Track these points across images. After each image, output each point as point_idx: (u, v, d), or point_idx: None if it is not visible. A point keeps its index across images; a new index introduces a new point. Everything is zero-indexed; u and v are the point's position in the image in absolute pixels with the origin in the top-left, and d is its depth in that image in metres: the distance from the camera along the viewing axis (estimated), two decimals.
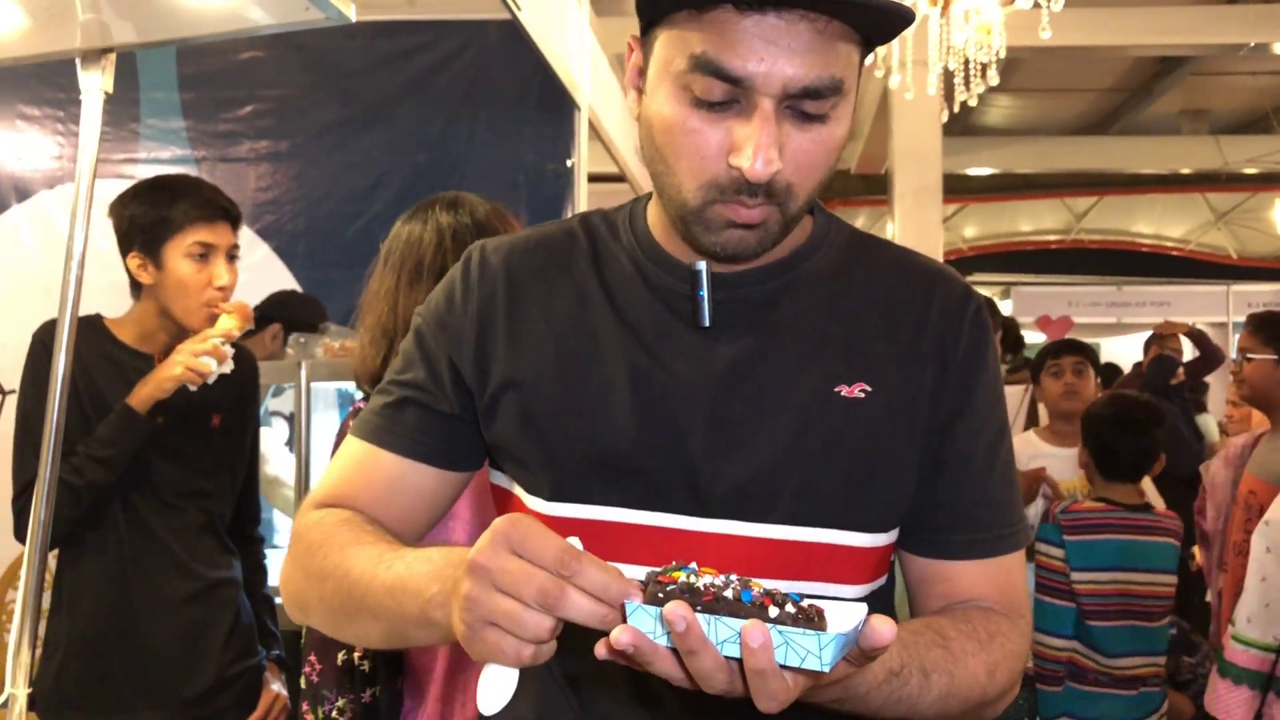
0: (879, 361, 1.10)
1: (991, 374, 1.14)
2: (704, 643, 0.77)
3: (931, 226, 7.75)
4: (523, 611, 0.81)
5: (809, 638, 0.76)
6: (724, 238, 1.02)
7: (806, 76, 0.95)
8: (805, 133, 0.99)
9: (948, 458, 1.11)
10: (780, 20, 0.94)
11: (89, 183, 1.98)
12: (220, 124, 4.11)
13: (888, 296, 1.13)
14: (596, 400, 1.09)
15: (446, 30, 4.04)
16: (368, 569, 1.01)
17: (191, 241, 2.22)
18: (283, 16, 1.89)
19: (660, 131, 1.02)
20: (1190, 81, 10.29)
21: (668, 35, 1.00)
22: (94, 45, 1.95)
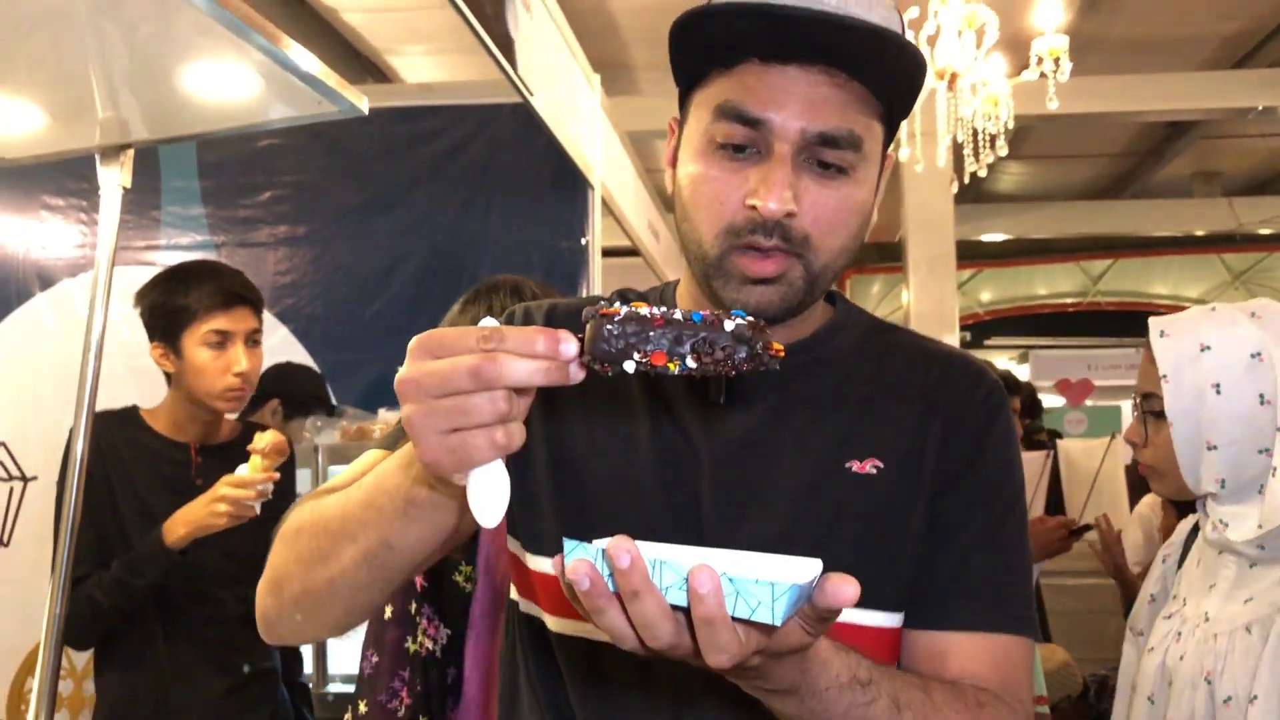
0: (891, 439, 1.10)
1: (998, 450, 1.13)
2: (649, 584, 0.74)
3: (946, 294, 7.76)
4: (466, 400, 0.77)
5: (761, 587, 0.71)
6: (744, 294, 1.04)
7: (824, 124, 1.00)
8: (824, 186, 1.02)
9: (939, 522, 1.10)
10: (802, 72, 1.00)
11: (107, 275, 2.01)
12: (240, 210, 4.18)
13: (901, 378, 1.14)
14: (623, 465, 1.10)
15: (461, 114, 4.11)
16: (341, 497, 0.99)
17: (207, 330, 2.24)
18: (297, 110, 1.93)
19: (686, 187, 1.06)
20: (1201, 144, 10.33)
21: (700, 97, 1.07)
22: (113, 142, 1.99)
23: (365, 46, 7.44)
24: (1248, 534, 1.68)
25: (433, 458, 0.80)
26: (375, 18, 6.95)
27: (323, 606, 1.03)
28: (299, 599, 1.04)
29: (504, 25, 2.86)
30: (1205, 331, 1.73)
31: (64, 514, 1.93)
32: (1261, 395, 1.68)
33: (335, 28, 7.05)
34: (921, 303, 7.72)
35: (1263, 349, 1.69)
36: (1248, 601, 1.67)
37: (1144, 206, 12.11)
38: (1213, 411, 1.70)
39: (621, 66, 7.69)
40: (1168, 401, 1.73)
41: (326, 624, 1.07)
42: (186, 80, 1.86)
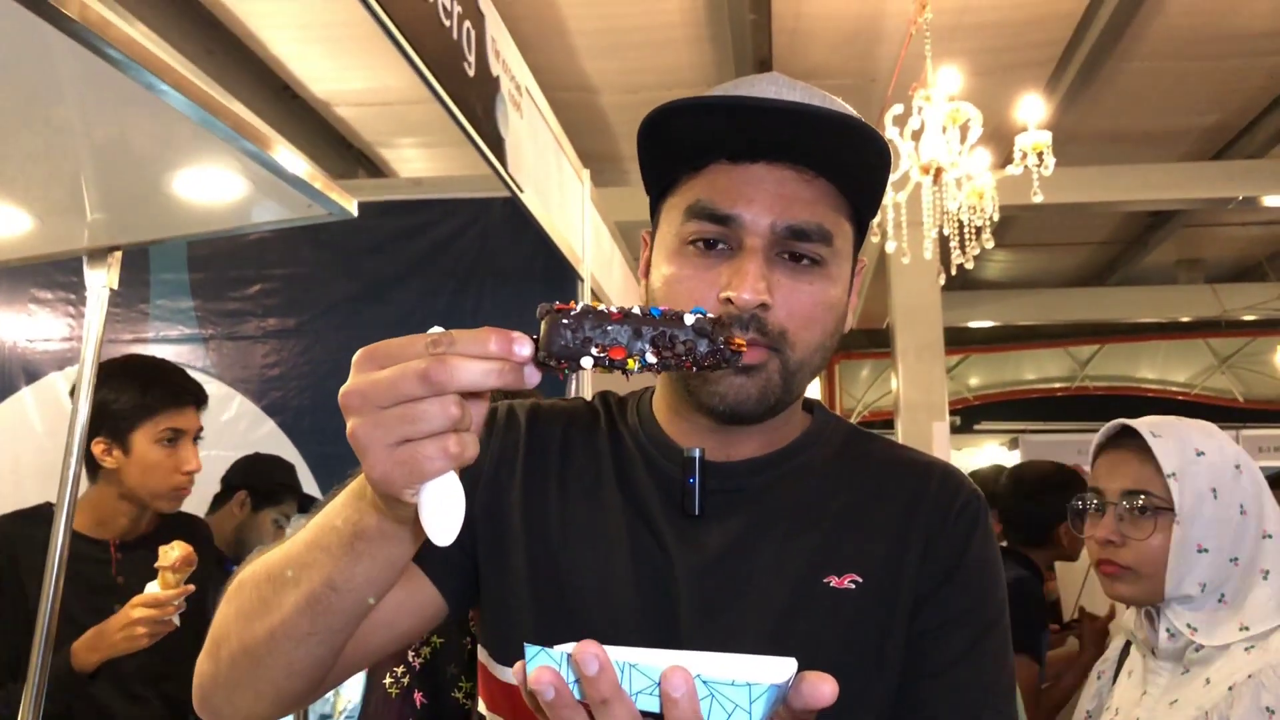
0: (869, 553, 1.07)
1: (979, 564, 1.10)
2: (618, 691, 0.70)
3: (935, 381, 7.77)
4: (414, 407, 0.73)
5: (738, 689, 0.67)
6: (724, 386, 1.02)
7: (794, 217, 1.01)
8: (797, 280, 1.03)
9: (917, 636, 1.07)
10: (769, 169, 1.02)
11: (92, 373, 2.00)
12: (229, 303, 4.18)
13: (880, 489, 1.12)
14: (602, 573, 1.07)
15: (451, 208, 4.14)
16: (284, 545, 0.95)
17: (164, 428, 2.22)
18: (286, 214, 1.94)
19: (660, 289, 1.06)
20: (1184, 233, 10.46)
21: (670, 203, 1.09)
22: (101, 244, 2.00)
23: (357, 139, 7.53)
24: (1230, 637, 1.67)
25: (382, 472, 0.75)
26: (367, 111, 7.03)
27: (261, 665, 0.95)
28: (236, 658, 0.96)
29: (494, 125, 2.89)
30: (1195, 438, 1.77)
31: (40, 611, 1.89)
32: (1242, 505, 1.72)
33: (328, 120, 7.14)
34: (910, 390, 7.73)
35: (1241, 461, 1.75)
36: (1173, 704, 1.68)
37: (1129, 293, 12.21)
38: (1208, 515, 1.72)
39: (610, 158, 7.78)
40: (1178, 501, 1.72)
41: (263, 691, 0.98)
42: (176, 184, 1.87)
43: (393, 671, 2.10)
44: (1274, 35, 6.17)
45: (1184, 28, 6.05)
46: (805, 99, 1.03)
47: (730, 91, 1.08)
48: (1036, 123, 4.47)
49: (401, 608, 1.07)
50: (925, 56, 4.71)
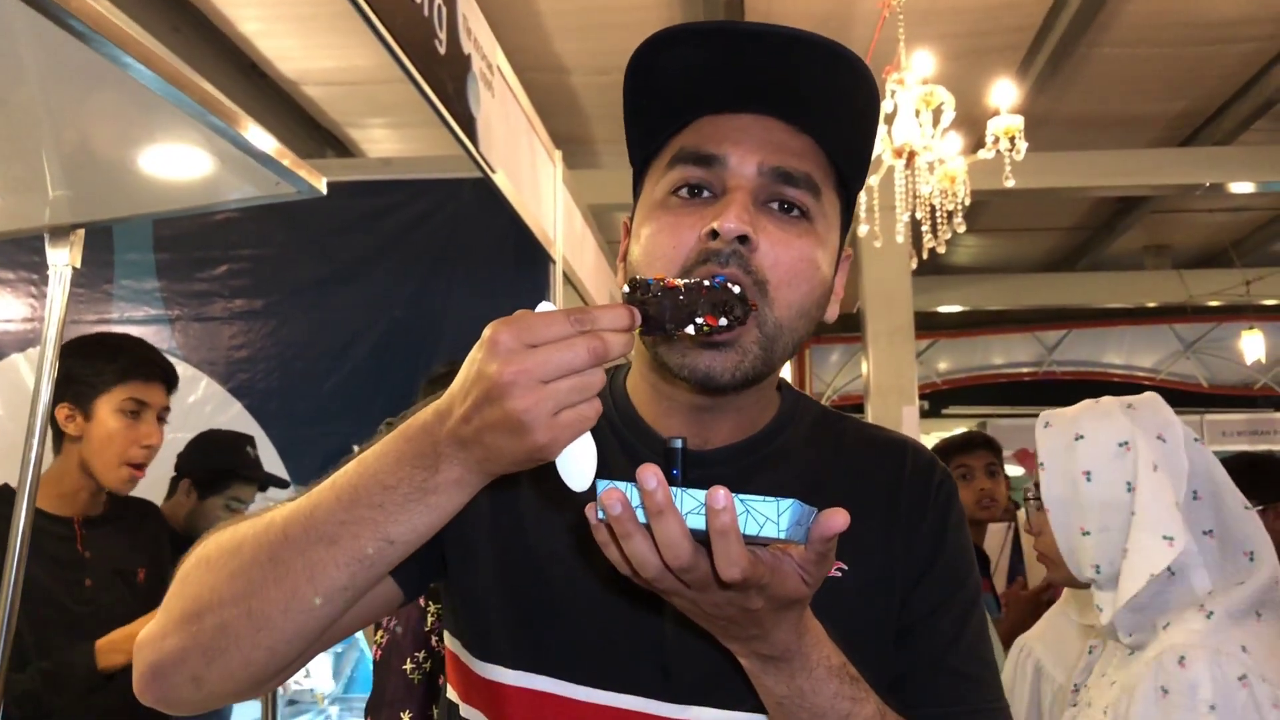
0: (854, 538, 1.03)
1: (957, 545, 1.12)
2: (672, 505, 0.78)
3: (905, 365, 7.81)
4: (581, 378, 0.81)
5: (767, 504, 0.79)
6: (690, 359, 0.99)
7: (782, 160, 1.00)
8: (784, 230, 1.00)
9: (909, 626, 1.08)
10: (756, 119, 1.02)
11: (54, 355, 1.95)
12: (195, 284, 4.12)
13: (858, 471, 1.12)
14: (572, 573, 1.04)
15: (422, 189, 4.11)
16: (302, 503, 0.91)
17: (126, 396, 2.19)
18: (254, 191, 1.90)
19: (640, 247, 1.03)
20: (1151, 219, 10.54)
21: (655, 164, 1.07)
22: (63, 222, 1.95)
23: (326, 119, 7.44)
24: (1105, 619, 1.71)
25: (548, 439, 0.82)
26: (336, 91, 6.96)
27: (265, 627, 0.91)
28: (231, 626, 0.91)
29: (466, 104, 2.86)
30: (1082, 422, 1.79)
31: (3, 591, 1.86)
32: (1129, 483, 1.72)
33: (296, 100, 7.05)
34: (881, 374, 7.76)
35: (1130, 438, 1.74)
36: (1112, 684, 1.70)
37: (1097, 279, 12.31)
38: (1084, 498, 1.74)
39: (582, 141, 7.74)
40: (1044, 488, 1.78)
41: (255, 658, 0.92)
42: (141, 160, 1.83)
43: (414, 657, 2.07)
44: (1242, 22, 6.21)
45: (1154, 13, 6.08)
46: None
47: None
48: (1008, 107, 4.48)
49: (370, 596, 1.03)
50: (898, 40, 4.72)
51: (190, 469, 3.20)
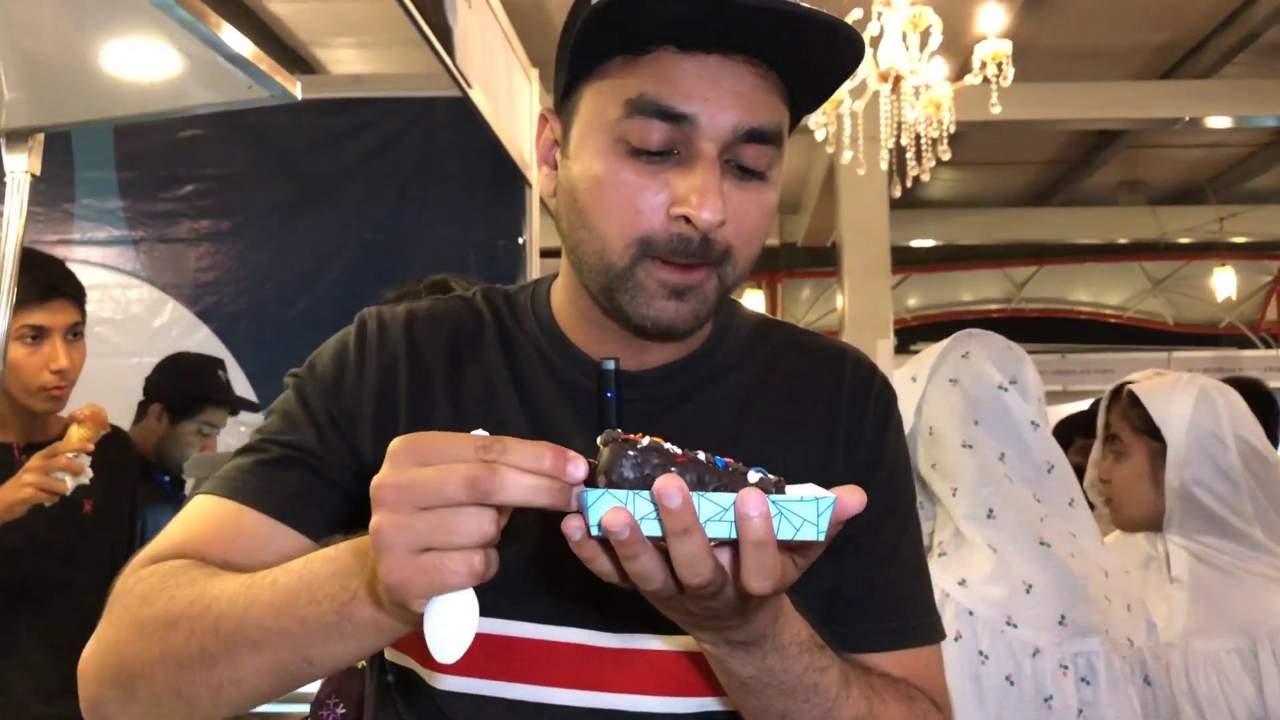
0: (791, 452, 1.04)
1: (896, 456, 1.10)
2: (696, 520, 0.70)
3: (881, 298, 7.79)
4: (454, 515, 0.69)
5: (805, 504, 0.71)
6: (656, 309, 0.94)
7: (755, 119, 0.91)
8: (745, 191, 0.93)
9: (848, 538, 1.02)
10: (725, 62, 0.90)
11: (14, 269, 1.85)
12: (159, 204, 3.99)
13: (796, 383, 1.09)
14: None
15: (394, 108, 3.98)
16: (239, 595, 0.84)
17: (20, 325, 2.09)
18: (225, 95, 1.79)
19: (586, 190, 0.94)
20: (1128, 154, 10.52)
21: (598, 87, 0.94)
22: (20, 125, 1.84)
23: (291, 37, 7.24)
24: None
25: (399, 578, 0.70)
26: (303, 7, 6.75)
27: (196, 709, 0.88)
28: (162, 699, 0.88)
29: (443, 15, 2.74)
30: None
31: None
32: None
33: (260, 18, 6.84)
34: (856, 307, 7.73)
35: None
36: None
37: (1071, 214, 12.32)
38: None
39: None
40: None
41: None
42: (104, 59, 1.72)
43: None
44: None
45: None
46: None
47: None
48: (996, 32, 4.39)
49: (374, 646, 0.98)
50: None
51: (160, 394, 3.12)
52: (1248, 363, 12.23)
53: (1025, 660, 1.54)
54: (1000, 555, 1.61)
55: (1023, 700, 1.53)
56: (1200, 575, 1.85)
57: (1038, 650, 1.55)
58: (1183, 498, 1.84)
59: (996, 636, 1.55)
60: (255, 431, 1.06)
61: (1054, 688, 1.53)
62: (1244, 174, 11.17)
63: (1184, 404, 1.85)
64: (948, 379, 1.76)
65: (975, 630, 1.56)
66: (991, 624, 1.56)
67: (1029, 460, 1.68)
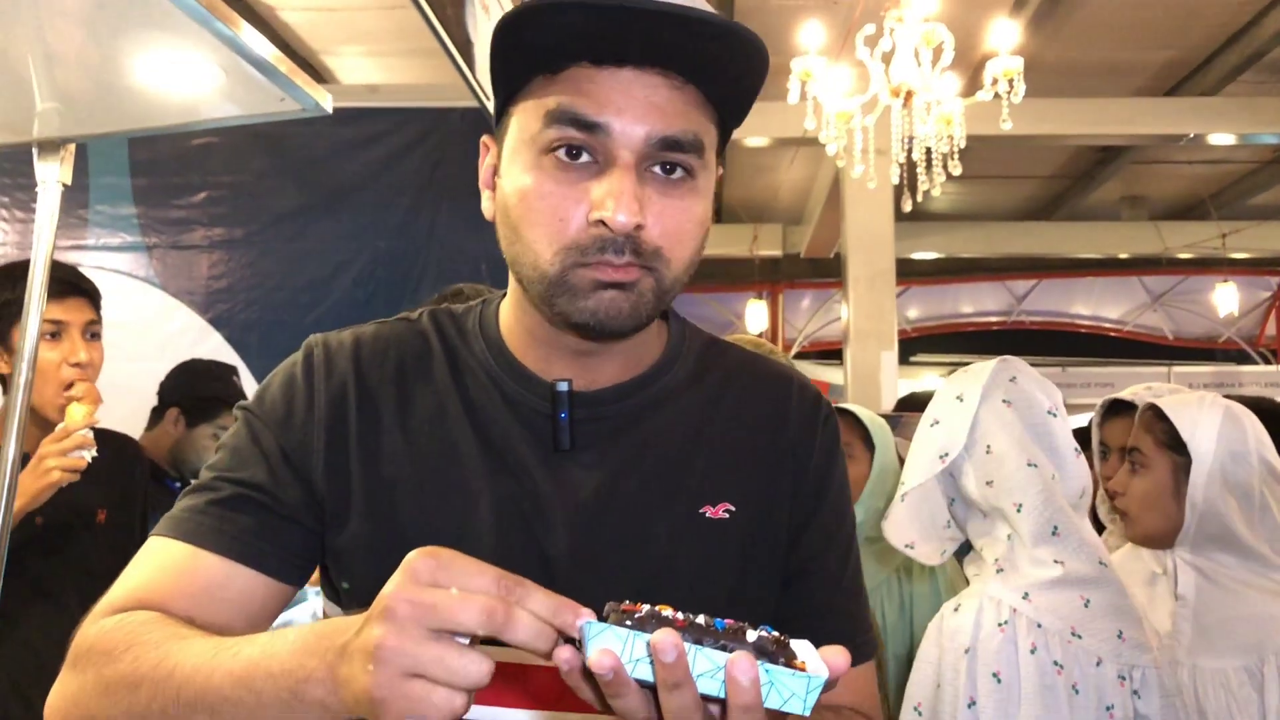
0: (741, 478, 1.07)
1: (840, 481, 1.14)
2: (689, 675, 0.71)
3: (885, 310, 7.80)
4: (459, 655, 0.70)
5: (797, 679, 0.72)
6: (593, 302, 0.96)
7: (668, 127, 0.94)
8: (669, 195, 0.96)
9: (798, 565, 1.10)
10: (637, 74, 0.94)
11: (44, 275, 1.86)
12: (173, 210, 4.00)
13: (745, 407, 1.12)
14: (458, 526, 1.01)
15: (408, 117, 3.99)
16: (203, 661, 0.85)
17: (40, 320, 2.10)
18: (257, 107, 1.80)
19: (516, 204, 0.97)
20: (1131, 169, 10.54)
21: (523, 106, 0.98)
22: (52, 135, 1.85)
23: (301, 46, 7.25)
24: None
25: (385, 695, 0.70)
26: (315, 16, 6.77)
27: None
28: None
29: (464, 28, 2.76)
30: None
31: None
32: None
33: (272, 26, 6.86)
34: (860, 319, 7.74)
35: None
36: None
37: (1073, 228, 12.33)
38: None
39: None
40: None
41: None
42: (136, 71, 1.72)
43: None
44: None
45: None
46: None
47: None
48: (1008, 49, 4.41)
49: (266, 607, 1.04)
50: None
51: (177, 398, 3.13)
52: (1247, 378, 12.26)
53: (1090, 670, 1.59)
54: (1065, 569, 1.65)
55: (1087, 708, 1.57)
56: (1205, 594, 1.87)
57: (1100, 660, 1.59)
58: (1203, 513, 1.86)
59: (1065, 648, 1.60)
60: (206, 467, 1.07)
61: (1115, 697, 1.58)
62: (1247, 190, 11.20)
63: (1211, 422, 1.86)
64: (1001, 399, 1.78)
65: (1047, 642, 1.60)
66: (1060, 635, 1.60)
67: (1070, 484, 1.73)
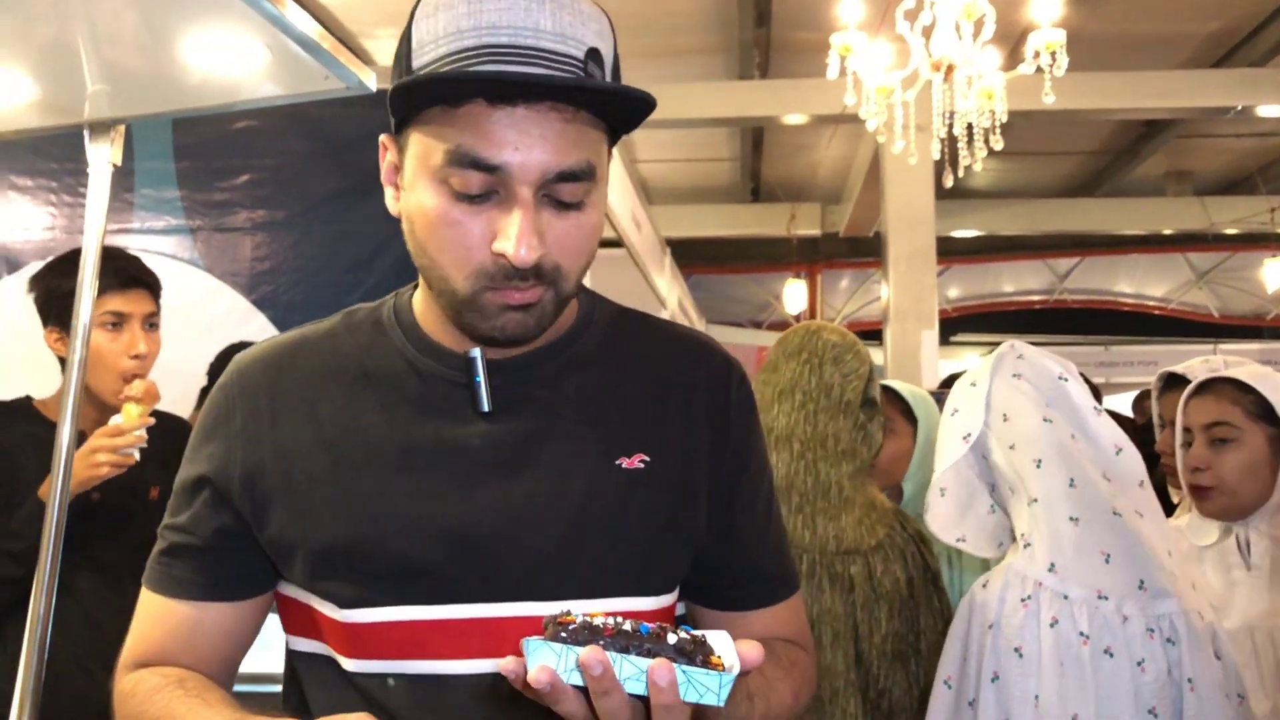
0: (655, 430, 1.14)
1: (759, 439, 1.24)
2: (616, 683, 0.83)
3: (926, 289, 7.74)
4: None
5: (710, 677, 0.84)
6: (501, 321, 1.04)
7: (561, 162, 0.99)
8: (564, 219, 1.02)
9: (735, 521, 1.19)
10: (531, 111, 0.98)
11: (96, 257, 1.89)
12: (216, 193, 4.03)
13: (656, 367, 1.19)
14: (375, 504, 1.08)
15: None
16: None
17: (104, 311, 2.15)
18: (302, 86, 1.82)
19: (422, 226, 1.03)
20: (1176, 144, 10.38)
21: (422, 132, 1.02)
22: (103, 117, 1.87)
23: (339, 29, 7.29)
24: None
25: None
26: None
27: None
28: None
29: None
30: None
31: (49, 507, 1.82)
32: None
33: (309, 8, 6.90)
34: (901, 298, 7.69)
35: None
36: None
37: (1116, 205, 12.17)
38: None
39: None
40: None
41: None
42: (184, 51, 1.74)
43: None
44: None
45: None
46: (555, 26, 0.98)
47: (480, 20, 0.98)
48: (1050, 21, 4.35)
49: (243, 624, 1.18)
50: None
51: None
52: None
53: (1119, 629, 1.60)
54: (1081, 525, 1.66)
55: (1120, 671, 1.58)
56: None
57: (1127, 617, 1.61)
58: None
59: (1094, 613, 1.61)
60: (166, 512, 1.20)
61: (1145, 651, 1.59)
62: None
63: None
64: (1011, 374, 1.81)
65: (1073, 613, 1.62)
66: (1088, 602, 1.62)
67: (1096, 443, 1.74)
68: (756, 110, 8.13)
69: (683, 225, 11.07)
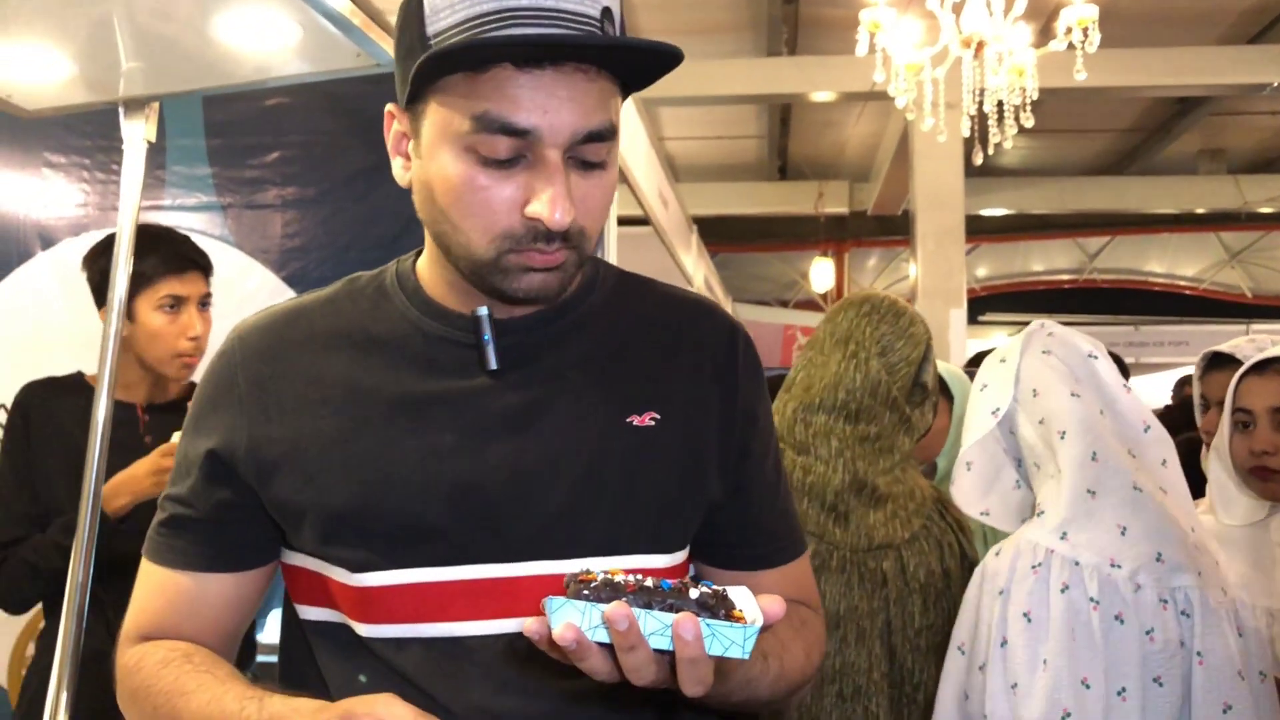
0: (665, 389, 1.15)
1: (766, 401, 1.25)
2: (641, 638, 0.84)
3: (954, 268, 7.71)
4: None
5: (734, 629, 0.84)
6: (525, 282, 1.04)
7: (589, 123, 0.99)
8: (588, 180, 1.03)
9: (746, 481, 1.20)
10: (558, 74, 0.98)
11: (131, 232, 1.92)
12: (247, 170, 4.05)
13: (662, 327, 1.19)
14: (385, 466, 1.08)
15: None
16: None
17: (163, 294, 2.19)
18: (333, 63, 1.84)
19: (445, 193, 1.02)
20: (1209, 121, 10.26)
21: (443, 99, 1.01)
22: (137, 94, 1.90)
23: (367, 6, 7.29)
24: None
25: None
26: None
27: None
28: None
29: None
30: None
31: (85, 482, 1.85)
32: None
33: None
34: (929, 276, 7.66)
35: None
36: None
37: (1148, 183, 12.05)
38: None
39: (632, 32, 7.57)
40: None
41: None
42: (217, 27, 1.76)
43: None
44: None
45: None
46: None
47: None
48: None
49: (245, 594, 1.18)
50: None
51: None
52: None
53: (1130, 596, 1.61)
54: (1098, 499, 1.67)
55: (1128, 639, 1.59)
56: None
57: (1139, 586, 1.61)
58: None
59: (1104, 580, 1.62)
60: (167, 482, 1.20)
61: (1155, 620, 1.59)
62: None
63: None
64: (1041, 351, 1.82)
65: (1083, 579, 1.62)
66: (1098, 569, 1.62)
67: (1124, 419, 1.75)
68: (784, 87, 8.09)
69: (710, 203, 11.06)
